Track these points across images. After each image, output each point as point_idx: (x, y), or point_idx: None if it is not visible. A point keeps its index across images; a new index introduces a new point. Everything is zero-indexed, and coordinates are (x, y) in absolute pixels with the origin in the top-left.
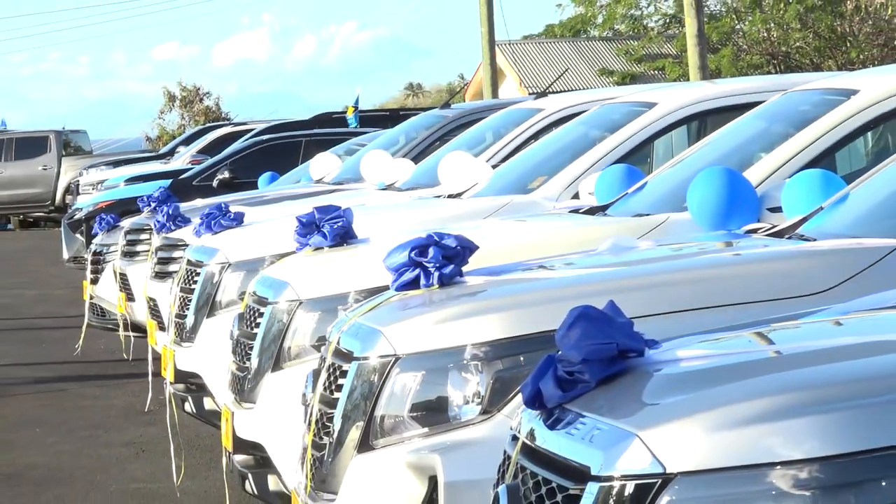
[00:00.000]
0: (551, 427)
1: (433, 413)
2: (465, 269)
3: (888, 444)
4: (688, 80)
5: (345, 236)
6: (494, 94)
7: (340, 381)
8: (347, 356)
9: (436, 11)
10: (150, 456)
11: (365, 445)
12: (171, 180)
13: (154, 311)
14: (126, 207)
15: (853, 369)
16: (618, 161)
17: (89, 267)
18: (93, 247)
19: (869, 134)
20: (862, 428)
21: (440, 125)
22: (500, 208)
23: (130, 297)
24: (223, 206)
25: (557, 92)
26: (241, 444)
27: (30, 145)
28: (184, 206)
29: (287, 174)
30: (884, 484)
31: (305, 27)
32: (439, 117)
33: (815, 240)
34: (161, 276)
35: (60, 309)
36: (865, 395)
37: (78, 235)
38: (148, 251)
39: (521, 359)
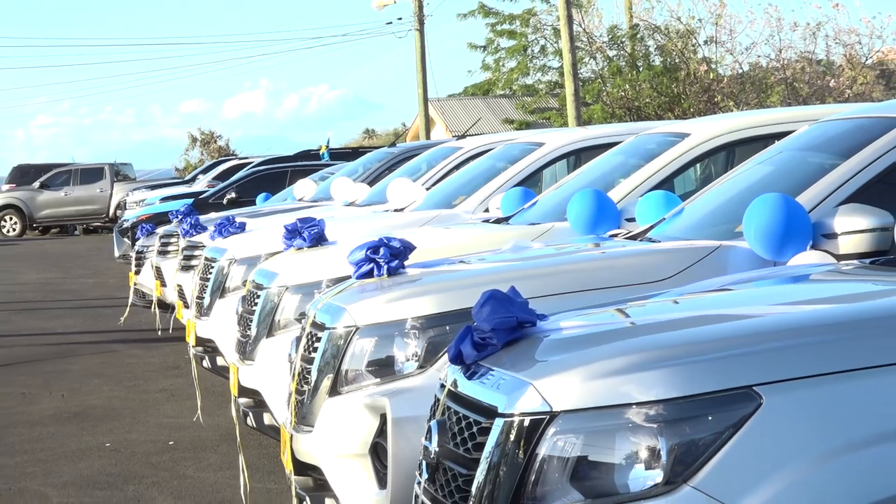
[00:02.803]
0: (469, 378)
1: (383, 368)
2: (406, 263)
3: (713, 389)
4: (567, 126)
5: (319, 240)
6: (427, 136)
7: (316, 344)
8: (321, 326)
9: (385, 77)
10: (178, 399)
11: (334, 391)
12: (193, 199)
13: (181, 294)
14: (160, 219)
15: (687, 335)
16: (517, 185)
17: (133, 262)
18: (136, 247)
19: (697, 165)
20: (694, 378)
21: (388, 159)
22: (432, 219)
23: (164, 284)
24: (231, 217)
25: (473, 135)
26: (244, 391)
27: (90, 174)
28: (203, 218)
29: (277, 195)
30: (710, 418)
31: (291, 88)
32: (388, 153)
33: (659, 241)
34: (186, 268)
35: (112, 292)
36: (696, 354)
37: (125, 239)
38: (176, 250)
39: (447, 328)
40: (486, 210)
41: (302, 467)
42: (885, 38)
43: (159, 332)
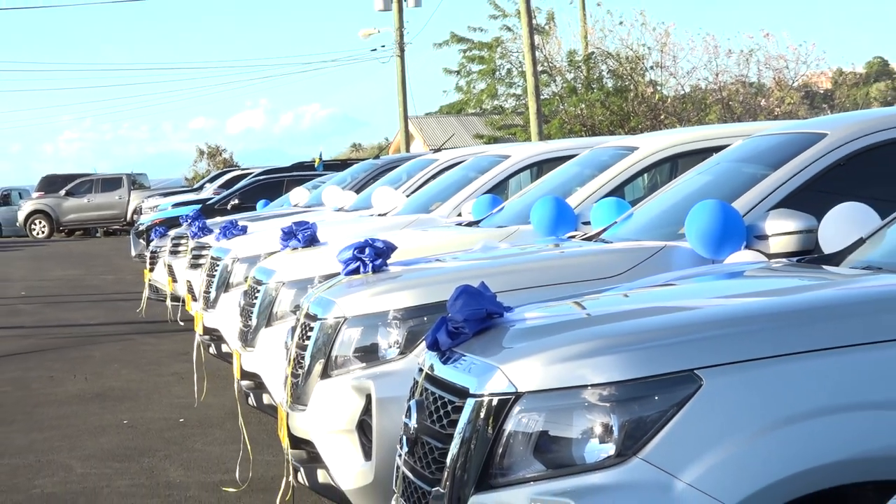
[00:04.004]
0: (444, 362)
1: (368, 353)
2: (389, 261)
3: (659, 372)
4: (531, 141)
5: (312, 241)
6: (407, 149)
7: (309, 333)
8: (313, 318)
9: (370, 97)
10: (187, 382)
11: (325, 374)
12: (201, 205)
13: (190, 288)
14: (172, 223)
15: (636, 325)
16: (486, 192)
17: (148, 261)
18: (151, 248)
19: (645, 175)
20: (642, 362)
21: (373, 169)
22: (411, 223)
23: (175, 280)
24: (234, 221)
25: (447, 149)
26: (245, 374)
27: (110, 183)
28: (209, 222)
29: (275, 201)
30: (656, 398)
31: (287, 107)
32: (372, 164)
33: (612, 242)
34: (194, 266)
35: (130, 288)
36: (644, 342)
37: (141, 241)
38: (186, 250)
39: (425, 319)
40: (459, 214)
41: (297, 442)
42: (809, 64)
43: (173, 320)
